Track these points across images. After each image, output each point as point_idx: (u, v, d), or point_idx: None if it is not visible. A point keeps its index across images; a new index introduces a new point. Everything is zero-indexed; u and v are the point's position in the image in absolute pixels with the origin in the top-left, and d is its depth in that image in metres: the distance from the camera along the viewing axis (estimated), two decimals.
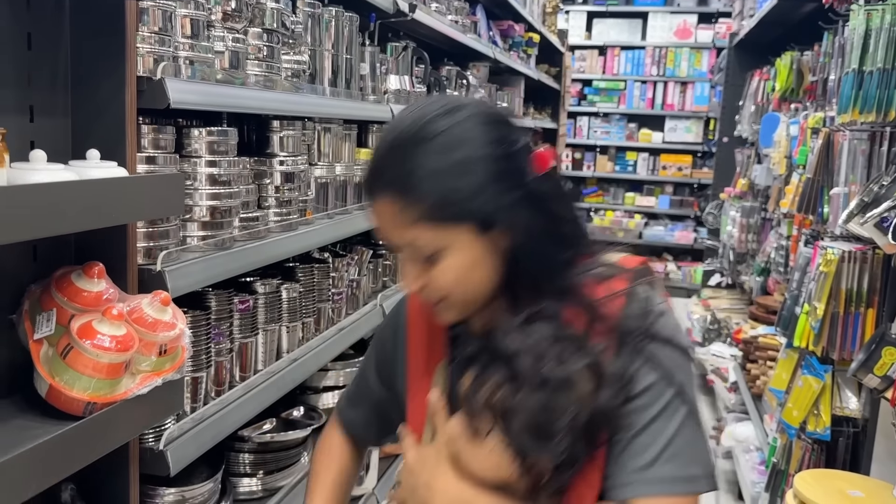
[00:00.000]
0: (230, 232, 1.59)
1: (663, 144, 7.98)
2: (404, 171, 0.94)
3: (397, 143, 0.96)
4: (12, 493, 0.95)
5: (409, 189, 0.94)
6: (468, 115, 0.97)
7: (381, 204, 0.97)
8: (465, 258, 0.97)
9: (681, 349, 0.99)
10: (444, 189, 0.94)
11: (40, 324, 1.13)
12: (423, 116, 0.96)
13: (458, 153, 0.94)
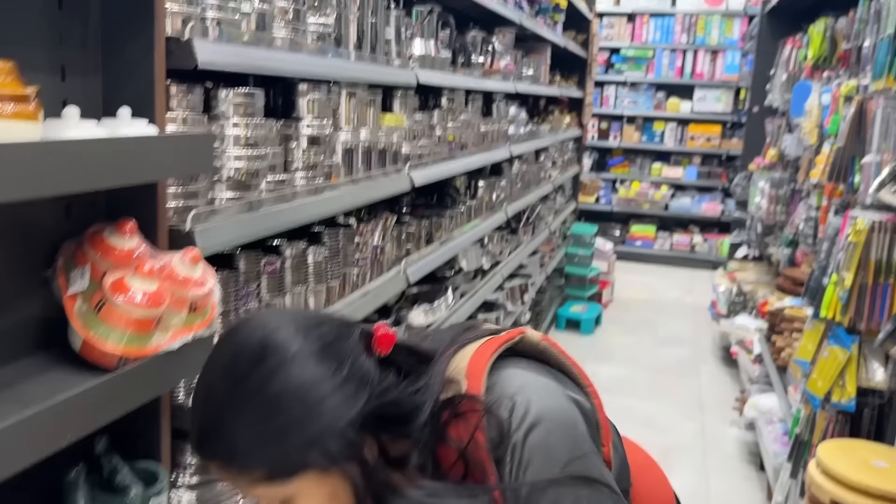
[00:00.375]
0: (258, 194, 1.61)
1: (692, 114, 7.86)
2: (226, 443, 0.90)
3: (213, 405, 0.91)
4: (48, 442, 0.99)
5: (235, 461, 0.91)
6: (281, 361, 0.90)
7: (214, 466, 0.94)
8: (320, 496, 0.92)
9: (557, 424, 0.95)
10: (272, 456, 0.89)
11: (74, 279, 1.16)
12: (236, 371, 0.90)
13: (280, 417, 0.88)
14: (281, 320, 0.94)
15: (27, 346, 1.21)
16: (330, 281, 2.00)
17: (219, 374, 0.92)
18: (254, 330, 0.93)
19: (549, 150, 5.09)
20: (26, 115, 0.93)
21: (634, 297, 6.84)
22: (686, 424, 4.29)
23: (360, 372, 0.92)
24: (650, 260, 7.99)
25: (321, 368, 0.90)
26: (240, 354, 0.91)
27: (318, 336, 0.93)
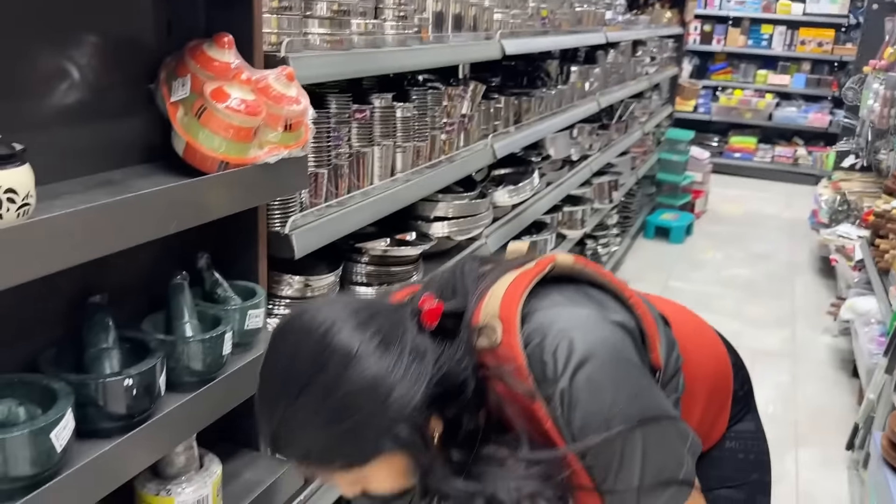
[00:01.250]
0: (348, 33, 1.61)
1: (803, 17, 7.34)
2: (300, 447, 0.92)
3: (280, 413, 0.91)
4: (159, 223, 1.05)
5: (311, 459, 0.93)
6: (344, 364, 0.89)
7: (293, 462, 0.97)
8: (393, 472, 0.95)
9: (607, 374, 0.94)
10: (347, 451, 0.91)
11: (176, 88, 1.21)
12: (299, 380, 0.90)
13: (351, 416, 0.89)
14: (335, 316, 0.92)
15: (133, 157, 1.27)
16: (417, 141, 2.01)
17: (280, 382, 0.92)
18: (309, 332, 0.91)
19: (647, 45, 4.88)
20: None
21: (729, 210, 6.60)
22: (777, 332, 4.18)
23: (418, 353, 0.93)
24: (749, 173, 7.65)
25: (384, 362, 0.90)
26: (300, 361, 0.91)
27: (375, 329, 0.92)
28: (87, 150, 1.19)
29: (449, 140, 2.23)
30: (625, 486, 0.93)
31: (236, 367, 1.30)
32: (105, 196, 1.01)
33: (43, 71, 1.11)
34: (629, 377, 0.96)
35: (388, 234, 2.11)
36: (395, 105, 1.90)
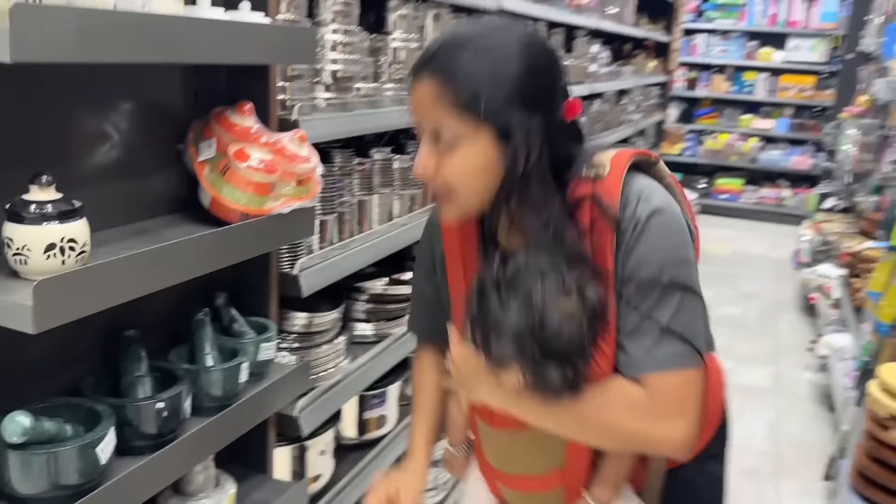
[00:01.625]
0: (351, 96, 1.80)
1: (784, 64, 7.63)
2: (453, 64, 1.02)
3: (454, 41, 1.04)
4: (190, 267, 1.22)
5: (451, 78, 1.02)
6: (523, 40, 1.04)
7: (424, 85, 1.04)
8: (477, 156, 1.04)
9: (672, 243, 1.06)
10: (480, 89, 1.01)
11: (203, 149, 1.38)
12: (484, 28, 1.05)
13: (503, 66, 1.01)
14: (529, 29, 1.10)
15: (162, 208, 1.45)
16: (413, 189, 2.19)
17: (470, 27, 1.06)
18: (507, 19, 1.11)
19: (632, 93, 5.11)
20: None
21: (717, 250, 6.79)
22: (761, 369, 4.33)
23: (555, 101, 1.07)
24: (736, 214, 7.87)
25: (543, 65, 1.05)
26: (493, 22, 1.07)
27: (548, 57, 1.07)
28: (125, 203, 1.36)
29: None
30: (651, 326, 1.04)
31: (250, 394, 1.45)
32: (142, 244, 1.18)
33: (89, 135, 1.29)
34: (687, 245, 1.09)
35: (387, 273, 2.28)
36: (393, 157, 2.08)
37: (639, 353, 1.05)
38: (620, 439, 1.09)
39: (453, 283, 1.24)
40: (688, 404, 1.05)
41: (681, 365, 1.05)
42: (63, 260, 1.02)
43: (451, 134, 1.03)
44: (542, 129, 1.04)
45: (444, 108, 1.03)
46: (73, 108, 1.25)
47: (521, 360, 1.00)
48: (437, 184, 1.08)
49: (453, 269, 1.23)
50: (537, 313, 0.98)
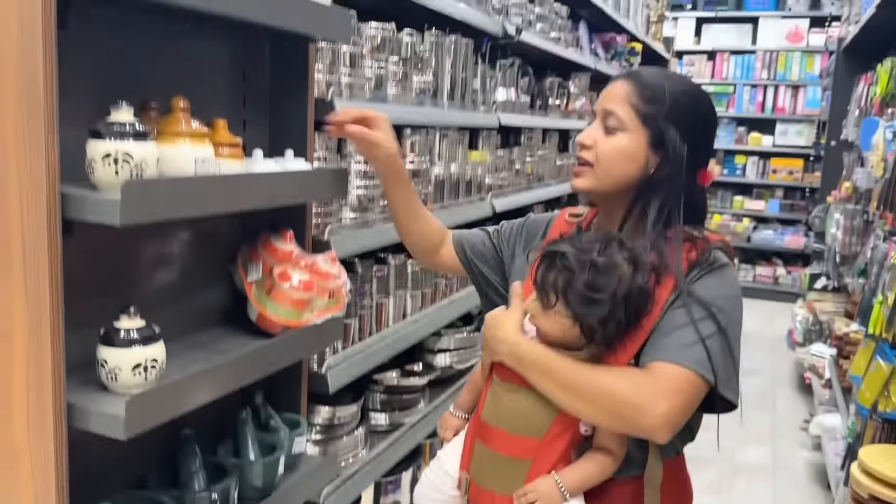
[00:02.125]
0: (373, 215, 2.06)
1: (773, 148, 8.00)
2: (647, 79, 1.37)
3: (656, 69, 1.42)
4: (239, 379, 1.44)
5: (640, 85, 1.36)
6: (704, 95, 1.41)
7: (618, 85, 1.38)
8: (630, 146, 1.35)
9: (731, 293, 1.33)
10: (657, 102, 1.34)
11: (251, 271, 1.63)
12: (680, 75, 1.47)
13: (681, 97, 1.36)
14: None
15: (213, 320, 1.69)
16: (424, 288, 2.43)
17: (665, 74, 1.41)
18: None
19: None
20: (236, 156, 1.40)
21: None
22: (758, 447, 4.47)
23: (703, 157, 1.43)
24: None
25: (708, 123, 1.41)
26: (688, 80, 1.44)
27: (714, 121, 1.44)
28: (183, 318, 1.60)
29: (449, 284, 2.65)
30: (689, 333, 1.25)
31: (285, 484, 1.65)
32: (202, 355, 1.41)
33: (151, 261, 1.54)
34: (741, 306, 1.36)
35: (399, 364, 2.49)
36: (407, 262, 2.33)
37: (674, 344, 1.25)
38: (611, 405, 1.24)
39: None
40: (680, 397, 1.23)
41: (694, 369, 1.24)
42: (146, 377, 1.25)
43: (620, 121, 1.35)
44: (685, 159, 1.34)
45: (624, 103, 1.35)
46: (147, 243, 1.50)
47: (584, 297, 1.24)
48: (590, 155, 1.38)
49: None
50: (595, 274, 1.24)
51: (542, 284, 1.29)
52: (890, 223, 3.11)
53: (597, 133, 1.38)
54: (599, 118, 1.39)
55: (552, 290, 1.27)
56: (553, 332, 1.30)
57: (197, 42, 1.57)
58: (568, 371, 1.27)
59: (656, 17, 6.13)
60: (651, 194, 1.36)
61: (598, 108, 1.41)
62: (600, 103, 1.40)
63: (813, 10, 7.82)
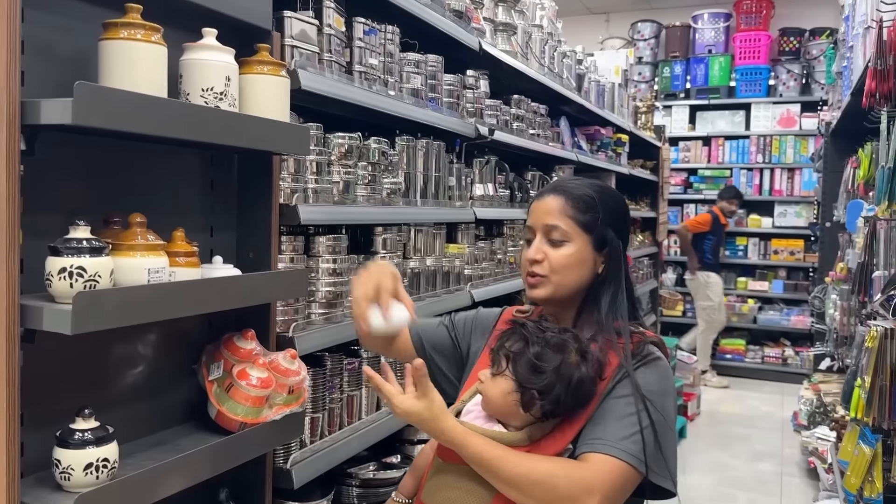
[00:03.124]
0: (342, 311, 2.15)
1: (773, 229, 8.08)
2: (575, 191, 1.51)
3: (579, 179, 1.57)
4: (195, 475, 1.50)
5: (573, 198, 1.50)
6: (620, 196, 1.62)
7: (551, 200, 1.51)
8: (578, 253, 1.49)
9: (665, 386, 1.43)
10: (591, 210, 1.50)
11: (213, 370, 1.71)
12: (596, 179, 1.61)
13: (609, 200, 1.53)
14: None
15: (178, 417, 1.76)
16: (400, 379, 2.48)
17: (587, 183, 1.56)
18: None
19: None
20: (192, 264, 1.51)
21: (723, 411, 6.89)
22: None
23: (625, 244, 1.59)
24: (742, 373, 8.01)
25: (625, 212, 1.59)
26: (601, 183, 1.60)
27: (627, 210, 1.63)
28: (147, 417, 1.68)
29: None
30: (629, 424, 1.35)
31: None
32: (160, 454, 1.48)
33: (120, 362, 1.63)
34: (675, 397, 1.47)
35: (377, 457, 2.52)
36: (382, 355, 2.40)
37: (610, 436, 1.34)
38: (546, 496, 1.30)
39: (485, 362, 1.52)
40: (612, 489, 1.31)
41: (628, 462, 1.32)
42: (97, 476, 1.32)
43: (561, 233, 1.49)
44: (622, 253, 1.52)
45: (563, 216, 1.49)
46: (111, 344, 1.60)
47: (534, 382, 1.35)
48: (543, 268, 1.50)
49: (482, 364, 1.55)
50: (544, 348, 1.37)
51: (498, 350, 1.41)
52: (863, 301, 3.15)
53: (543, 247, 1.51)
54: (541, 233, 1.52)
55: (504, 355, 1.39)
56: (496, 397, 1.38)
57: (167, 157, 1.71)
58: (506, 462, 1.33)
59: (646, 108, 6.35)
60: (601, 291, 1.51)
61: (533, 223, 1.53)
62: (538, 219, 1.52)
63: (804, 96, 8.04)
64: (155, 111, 1.36)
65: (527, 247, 1.54)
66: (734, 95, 8.25)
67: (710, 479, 5.18)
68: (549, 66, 3.94)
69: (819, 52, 7.85)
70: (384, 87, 2.35)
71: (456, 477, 1.40)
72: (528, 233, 1.56)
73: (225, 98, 1.54)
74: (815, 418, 5.44)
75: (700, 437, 6.05)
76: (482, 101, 3.11)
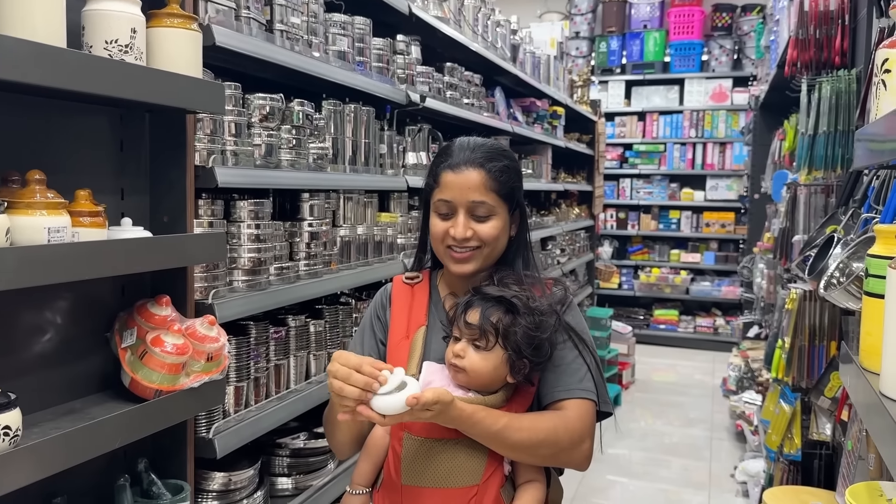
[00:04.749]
0: (266, 277, 2.10)
1: (705, 202, 8.28)
2: (496, 164, 1.51)
3: (490, 150, 1.53)
4: (106, 442, 1.45)
5: (493, 172, 1.50)
6: (513, 154, 1.63)
7: (472, 174, 1.49)
8: (503, 224, 1.52)
9: (583, 322, 1.55)
10: (505, 177, 1.51)
11: (126, 337, 1.65)
12: (498, 144, 1.59)
13: (516, 168, 1.57)
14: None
15: (92, 387, 1.69)
16: (330, 348, 2.46)
17: (483, 141, 1.57)
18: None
19: (557, 239, 5.55)
20: (97, 224, 1.44)
21: (657, 379, 7.07)
22: (695, 496, 4.50)
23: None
24: (675, 343, 8.23)
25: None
26: (494, 141, 1.61)
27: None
28: (58, 385, 1.61)
29: None
30: (578, 367, 1.47)
31: None
32: (69, 423, 1.41)
33: (27, 329, 1.55)
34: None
35: (308, 427, 2.49)
36: (310, 323, 2.36)
37: (571, 380, 1.46)
38: (549, 452, 1.41)
39: (394, 341, 1.57)
40: (592, 429, 1.47)
41: (591, 399, 1.47)
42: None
43: (488, 209, 1.50)
44: (526, 212, 1.61)
45: (486, 190, 1.49)
46: (16, 310, 1.52)
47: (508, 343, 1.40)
48: (471, 244, 1.50)
49: (396, 330, 1.58)
50: (539, 318, 1.43)
51: (482, 326, 1.41)
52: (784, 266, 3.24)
53: (470, 224, 1.50)
54: (465, 210, 1.49)
55: (493, 329, 1.40)
56: (485, 371, 1.41)
57: (72, 115, 1.62)
58: (512, 429, 1.39)
59: (582, 81, 6.39)
60: (516, 251, 1.58)
61: (454, 199, 1.50)
62: (461, 196, 1.49)
63: (735, 71, 8.23)
64: (53, 62, 1.29)
65: (440, 219, 1.52)
66: (669, 71, 8.38)
67: (644, 446, 5.32)
68: (483, 35, 3.91)
69: (750, 28, 8.03)
70: (308, 48, 2.29)
71: (446, 451, 1.42)
72: (442, 207, 1.51)
73: (130, 51, 1.47)
74: (743, 384, 5.63)
75: (634, 404, 6.20)
76: (413, 67, 3.07)
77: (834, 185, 2.74)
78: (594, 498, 4.33)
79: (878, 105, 1.43)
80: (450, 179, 1.50)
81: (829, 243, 2.10)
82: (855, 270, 1.73)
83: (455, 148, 1.53)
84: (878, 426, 1.10)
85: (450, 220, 1.51)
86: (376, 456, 1.51)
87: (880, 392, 1.12)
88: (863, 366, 1.28)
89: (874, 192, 2.04)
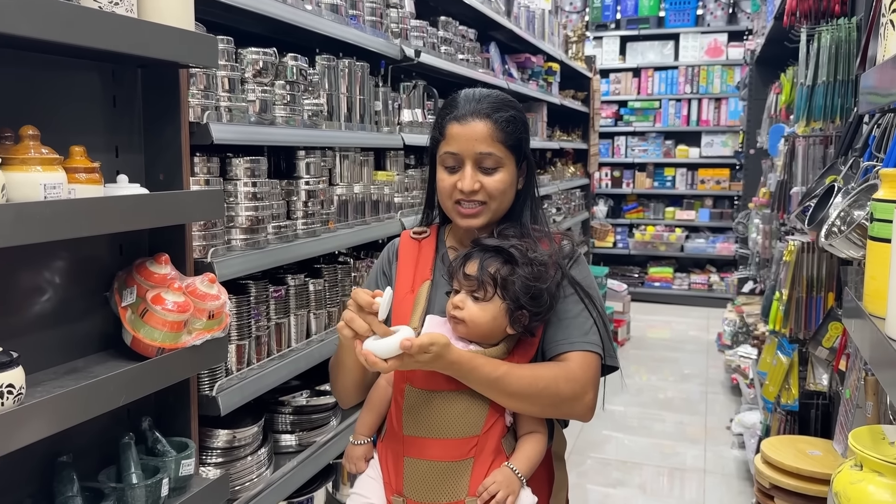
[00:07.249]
0: (265, 236, 2.09)
1: (700, 159, 8.25)
2: (503, 115, 1.48)
3: (497, 101, 1.51)
4: (111, 399, 1.45)
5: (501, 124, 1.47)
6: (519, 104, 1.59)
7: (478, 126, 1.46)
8: (511, 176, 1.50)
9: (591, 276, 1.54)
10: (513, 128, 1.48)
11: (125, 296, 1.64)
12: (507, 95, 1.56)
13: (523, 119, 1.53)
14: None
15: (93, 346, 1.68)
16: (329, 307, 2.46)
17: (492, 92, 1.55)
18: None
19: (552, 198, 5.53)
20: (93, 181, 1.42)
21: (652, 336, 7.13)
22: (690, 449, 4.57)
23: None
24: (670, 300, 8.28)
25: None
26: (501, 93, 1.58)
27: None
28: (58, 345, 1.60)
29: None
30: (584, 321, 1.46)
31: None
32: (72, 381, 1.41)
33: (25, 289, 1.54)
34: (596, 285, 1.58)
35: (310, 385, 2.50)
36: (309, 282, 2.36)
37: (576, 333, 1.46)
38: (551, 402, 1.41)
39: (400, 294, 1.55)
40: (596, 380, 1.46)
41: (596, 352, 1.46)
42: (2, 402, 1.25)
43: (495, 160, 1.47)
44: (534, 164, 1.58)
45: (493, 141, 1.46)
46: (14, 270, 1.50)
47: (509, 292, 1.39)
48: (480, 196, 1.48)
49: (402, 283, 1.57)
50: (538, 269, 1.41)
51: (480, 277, 1.40)
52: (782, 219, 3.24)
53: (478, 176, 1.48)
54: (472, 162, 1.47)
55: (492, 280, 1.39)
56: (484, 322, 1.40)
57: (62, 71, 1.59)
58: (512, 377, 1.39)
59: (576, 37, 6.31)
60: (524, 204, 1.55)
61: (461, 151, 1.47)
62: (467, 147, 1.47)
63: (730, 25, 8.14)
64: (43, 13, 1.25)
65: (447, 173, 1.50)
66: (663, 25, 8.28)
67: (640, 401, 5.37)
68: None
69: None
70: (300, 1, 2.24)
71: (447, 402, 1.42)
72: (449, 159, 1.49)
73: (121, 3, 1.43)
74: (738, 338, 5.67)
75: (630, 361, 6.25)
76: (407, 21, 3.02)
77: (833, 135, 2.72)
78: (591, 452, 4.39)
79: (885, 46, 1.41)
80: (456, 131, 1.47)
81: (829, 193, 2.09)
82: (856, 218, 1.72)
83: (461, 99, 1.51)
84: (885, 368, 1.10)
85: (457, 173, 1.48)
86: (379, 408, 1.53)
87: (887, 335, 1.12)
88: (868, 311, 1.28)
89: (875, 141, 2.03)
